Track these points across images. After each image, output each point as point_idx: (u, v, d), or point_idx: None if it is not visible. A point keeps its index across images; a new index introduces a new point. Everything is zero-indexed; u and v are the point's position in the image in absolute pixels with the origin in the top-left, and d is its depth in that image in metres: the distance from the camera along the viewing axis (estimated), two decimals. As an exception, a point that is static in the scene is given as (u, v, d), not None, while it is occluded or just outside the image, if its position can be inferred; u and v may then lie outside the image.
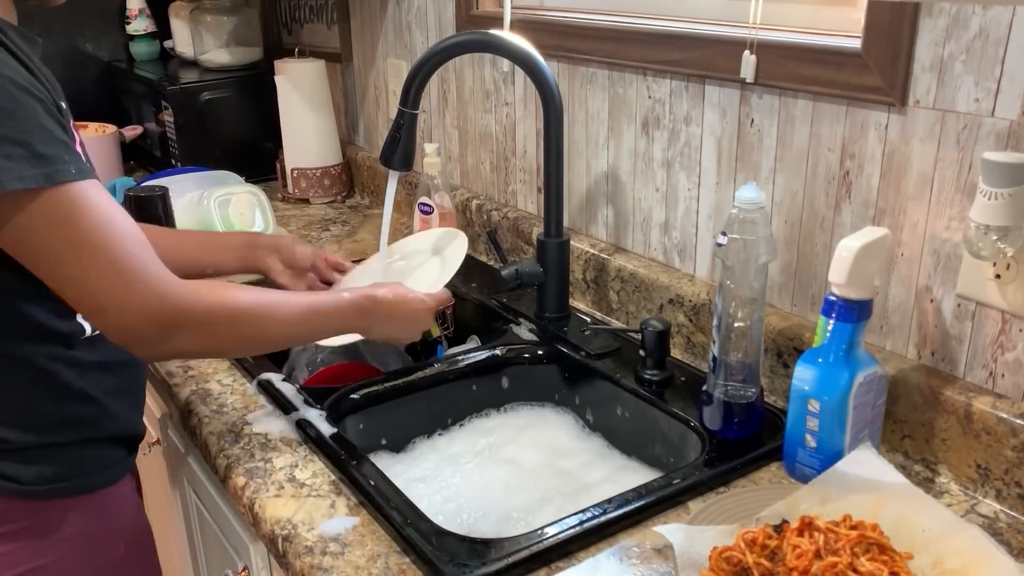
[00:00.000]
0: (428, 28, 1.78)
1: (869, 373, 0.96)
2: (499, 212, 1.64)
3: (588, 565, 0.88)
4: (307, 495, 0.99)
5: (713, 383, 1.06)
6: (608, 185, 1.42)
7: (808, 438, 0.98)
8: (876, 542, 0.79)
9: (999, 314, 0.95)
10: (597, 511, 0.93)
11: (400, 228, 1.90)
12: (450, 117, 1.78)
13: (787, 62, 1.09)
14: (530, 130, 1.57)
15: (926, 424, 1.00)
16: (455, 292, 1.53)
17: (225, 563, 1.22)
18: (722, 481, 1.00)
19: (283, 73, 2.03)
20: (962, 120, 0.94)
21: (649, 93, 1.31)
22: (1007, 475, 0.94)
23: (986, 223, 0.89)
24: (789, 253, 1.16)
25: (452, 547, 0.88)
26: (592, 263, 1.43)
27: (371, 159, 2.06)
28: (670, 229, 1.33)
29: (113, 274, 0.87)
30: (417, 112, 1.26)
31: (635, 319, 1.36)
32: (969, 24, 0.92)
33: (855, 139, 1.06)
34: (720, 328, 1.04)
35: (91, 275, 0.87)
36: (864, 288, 0.94)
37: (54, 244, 0.86)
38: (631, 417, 1.20)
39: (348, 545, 0.91)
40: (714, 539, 0.84)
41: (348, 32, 2.10)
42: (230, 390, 1.23)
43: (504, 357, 1.32)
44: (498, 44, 1.28)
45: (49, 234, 0.85)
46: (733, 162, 1.21)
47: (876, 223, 1.05)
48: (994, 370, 0.97)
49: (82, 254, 0.86)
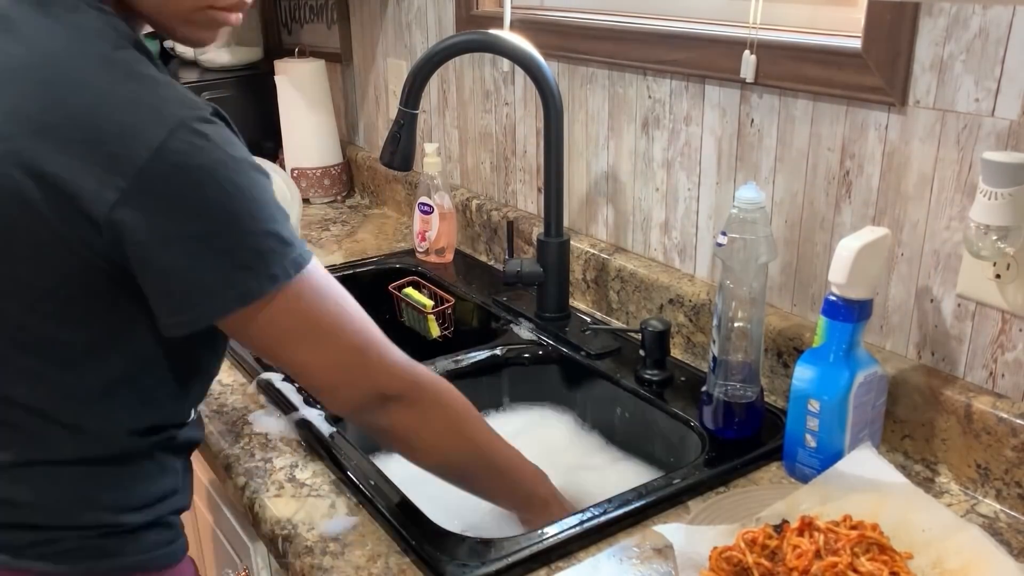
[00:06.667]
0: (428, 28, 1.78)
1: (869, 373, 0.96)
2: (499, 212, 1.64)
3: (588, 565, 0.88)
4: (307, 495, 0.99)
5: (713, 383, 1.06)
6: (608, 185, 1.42)
7: (808, 438, 0.98)
8: (876, 542, 0.79)
9: (999, 314, 0.95)
10: (597, 511, 0.93)
11: (400, 228, 1.90)
12: (450, 117, 1.78)
13: (787, 62, 1.09)
14: (530, 130, 1.57)
15: (926, 424, 1.00)
16: (455, 292, 1.53)
17: (225, 563, 1.22)
18: (722, 481, 1.00)
19: (283, 73, 2.03)
20: (962, 120, 0.94)
21: (649, 93, 1.31)
22: (1007, 475, 0.94)
23: (986, 223, 0.89)
24: (789, 253, 1.16)
25: (452, 547, 0.88)
26: (592, 263, 1.43)
27: (371, 159, 2.06)
28: (670, 229, 1.33)
29: (349, 355, 0.86)
30: (417, 112, 1.27)
31: (635, 319, 1.36)
32: (969, 24, 0.92)
33: (855, 139, 1.06)
34: (720, 328, 1.04)
35: (329, 359, 0.85)
36: (864, 288, 0.94)
37: (294, 332, 0.83)
38: (631, 417, 1.20)
39: (348, 545, 0.91)
40: (714, 539, 0.84)
41: (348, 32, 2.09)
42: (230, 390, 1.23)
43: (504, 357, 1.32)
44: (498, 44, 1.28)
45: (292, 324, 0.82)
46: (733, 162, 1.21)
47: (876, 223, 1.05)
48: (994, 370, 0.97)
49: (321, 338, 0.84)
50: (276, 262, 0.79)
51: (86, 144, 0.73)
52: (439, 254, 1.67)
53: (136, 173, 0.73)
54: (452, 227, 1.67)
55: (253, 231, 0.78)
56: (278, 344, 0.84)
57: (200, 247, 0.76)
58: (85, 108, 0.74)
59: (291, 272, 0.80)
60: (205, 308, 0.78)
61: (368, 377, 0.88)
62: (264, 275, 0.78)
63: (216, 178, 0.76)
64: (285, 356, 0.85)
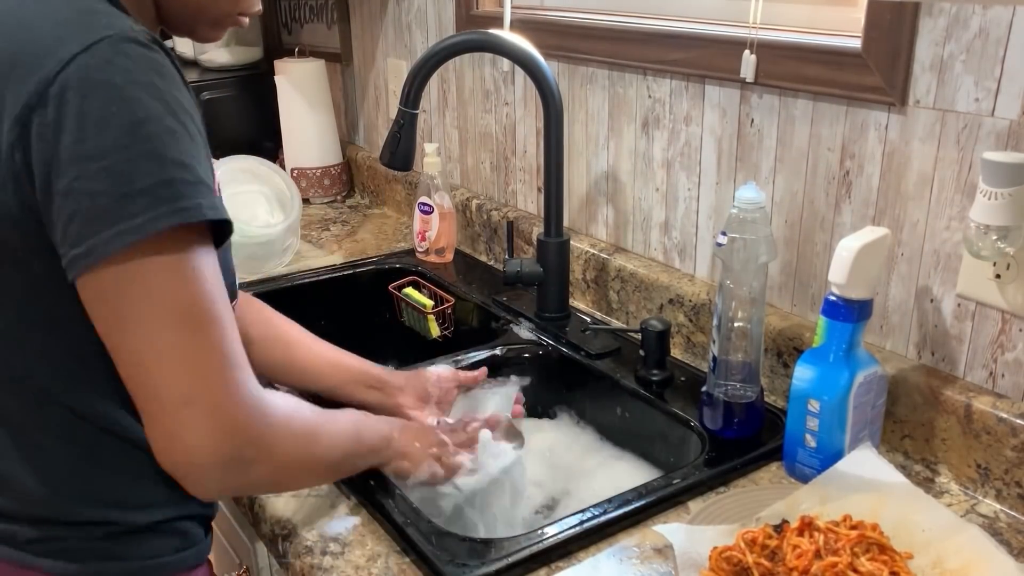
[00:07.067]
0: (428, 28, 1.78)
1: (869, 373, 0.96)
2: (499, 212, 1.64)
3: (588, 565, 0.88)
4: (307, 495, 0.99)
5: (713, 383, 1.06)
6: (608, 185, 1.42)
7: (808, 438, 0.98)
8: (876, 542, 0.79)
9: (999, 314, 0.95)
10: (597, 511, 0.93)
11: (400, 228, 1.90)
12: (450, 117, 1.78)
13: (787, 62, 1.09)
14: (530, 130, 1.57)
15: (926, 424, 1.00)
16: (455, 292, 1.53)
17: (225, 563, 1.22)
18: (722, 481, 1.00)
19: (283, 73, 2.03)
20: (962, 120, 0.94)
21: (649, 93, 1.31)
22: (1007, 475, 0.94)
23: (986, 223, 0.89)
24: (789, 253, 1.16)
25: (452, 547, 0.88)
26: (592, 263, 1.43)
27: (371, 159, 2.06)
28: (670, 229, 1.33)
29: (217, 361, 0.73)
30: (417, 112, 1.27)
31: (635, 319, 1.36)
32: (969, 24, 0.92)
33: (855, 139, 1.05)
34: (720, 328, 1.04)
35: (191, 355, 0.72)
36: (864, 288, 0.94)
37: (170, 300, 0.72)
38: (631, 417, 1.20)
39: (348, 545, 0.91)
40: (714, 539, 0.84)
41: (348, 32, 2.10)
42: (230, 390, 1.23)
43: (504, 357, 1.32)
44: (498, 44, 1.28)
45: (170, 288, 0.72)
46: (733, 162, 1.21)
47: (876, 223, 1.05)
48: (994, 370, 0.97)
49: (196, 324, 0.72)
50: (188, 197, 0.71)
51: (9, 65, 0.71)
52: (439, 254, 1.67)
53: (43, 84, 0.69)
54: (452, 227, 1.67)
55: (162, 156, 0.70)
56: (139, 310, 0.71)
57: (98, 166, 0.69)
58: (16, 32, 0.73)
59: (207, 213, 0.72)
60: (101, 236, 0.69)
61: (230, 403, 0.73)
62: (168, 207, 0.70)
63: (128, 95, 0.69)
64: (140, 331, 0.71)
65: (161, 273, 0.72)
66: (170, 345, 0.72)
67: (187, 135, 0.73)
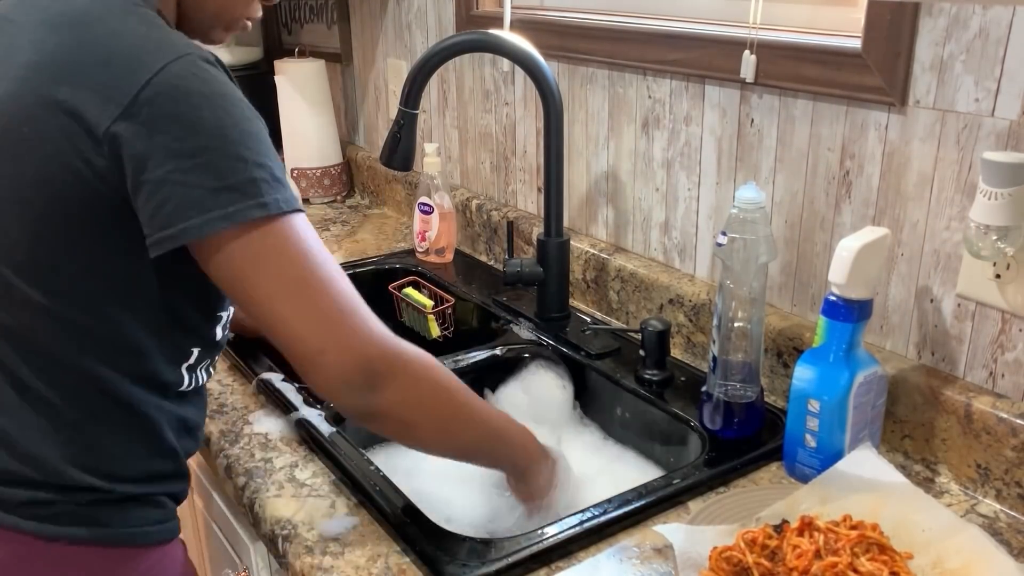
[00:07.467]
0: (428, 28, 1.78)
1: (869, 373, 0.96)
2: (499, 212, 1.64)
3: (588, 565, 0.88)
4: (307, 495, 0.99)
5: (713, 383, 1.06)
6: (608, 185, 1.42)
7: (808, 438, 0.98)
8: (876, 542, 0.79)
9: (999, 314, 0.95)
10: (597, 511, 0.93)
11: (400, 228, 1.90)
12: (450, 117, 1.78)
13: (787, 62, 1.09)
14: (530, 130, 1.57)
15: (926, 424, 1.00)
16: (455, 292, 1.53)
17: (225, 563, 1.22)
18: (722, 481, 1.00)
19: (283, 73, 2.03)
20: (962, 120, 0.94)
21: (649, 93, 1.31)
22: (1007, 475, 0.94)
23: (986, 223, 0.89)
24: (789, 253, 1.16)
25: (452, 547, 0.88)
26: (592, 263, 1.43)
27: (371, 159, 2.06)
28: (670, 229, 1.33)
29: (336, 316, 0.82)
30: (417, 112, 1.27)
31: (635, 319, 1.36)
32: (969, 24, 0.92)
33: (855, 139, 1.06)
34: (720, 328, 1.04)
35: (313, 315, 0.81)
36: (864, 288, 0.94)
37: (279, 276, 0.81)
38: (631, 417, 1.20)
39: (348, 545, 0.91)
40: (714, 539, 0.84)
41: (348, 32, 2.10)
42: (230, 390, 1.23)
43: (504, 357, 1.32)
44: (498, 44, 1.28)
45: (277, 266, 0.80)
46: (733, 162, 1.21)
47: (876, 223, 1.05)
48: (994, 370, 0.97)
49: (307, 291, 0.81)
50: (268, 193, 0.79)
51: (95, 70, 0.79)
52: (439, 254, 1.67)
53: (137, 91, 0.77)
54: (452, 227, 1.67)
55: (246, 159, 0.79)
56: (258, 286, 0.80)
57: (193, 163, 0.77)
58: (97, 42, 0.81)
59: (283, 207, 0.80)
60: (192, 222, 0.78)
61: (355, 344, 0.83)
62: (253, 201, 0.79)
63: (213, 104, 0.79)
64: (266, 304, 0.81)
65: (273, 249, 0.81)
66: (292, 311, 0.81)
67: (262, 136, 0.83)
